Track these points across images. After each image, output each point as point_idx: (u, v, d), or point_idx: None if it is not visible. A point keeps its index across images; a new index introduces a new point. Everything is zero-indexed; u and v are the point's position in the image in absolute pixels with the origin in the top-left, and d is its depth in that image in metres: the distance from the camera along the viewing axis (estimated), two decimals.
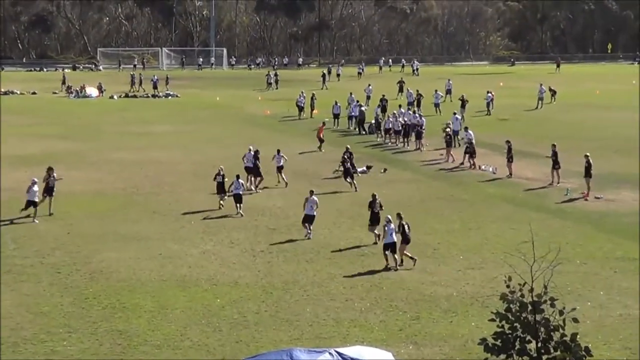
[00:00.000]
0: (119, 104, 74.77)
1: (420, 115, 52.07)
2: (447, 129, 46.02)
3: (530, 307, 12.97)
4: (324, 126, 50.39)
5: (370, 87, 71.96)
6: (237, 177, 32.99)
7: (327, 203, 34.09)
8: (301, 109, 63.17)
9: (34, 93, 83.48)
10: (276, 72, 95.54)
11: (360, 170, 40.78)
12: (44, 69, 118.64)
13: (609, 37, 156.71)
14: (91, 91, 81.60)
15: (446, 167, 43.00)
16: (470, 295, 23.18)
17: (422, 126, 49.07)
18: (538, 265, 13.31)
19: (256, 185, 37.06)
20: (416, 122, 49.78)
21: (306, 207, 29.31)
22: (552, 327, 12.92)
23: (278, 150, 38.89)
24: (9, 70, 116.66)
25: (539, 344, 12.95)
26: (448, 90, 73.56)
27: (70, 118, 64.05)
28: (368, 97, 68.90)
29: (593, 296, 23.07)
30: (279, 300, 22.88)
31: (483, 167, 41.87)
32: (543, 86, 69.69)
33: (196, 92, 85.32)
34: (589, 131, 55.15)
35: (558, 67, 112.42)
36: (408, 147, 48.79)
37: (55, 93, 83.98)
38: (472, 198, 35.79)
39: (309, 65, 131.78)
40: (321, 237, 29.20)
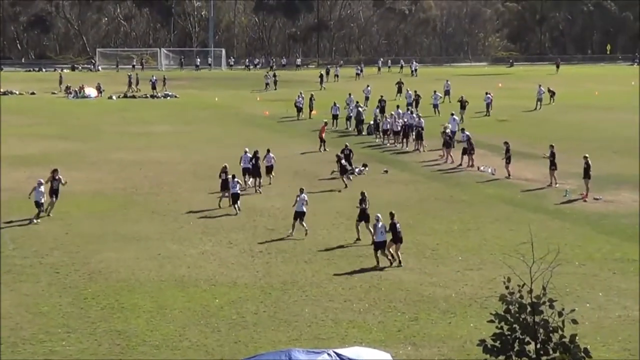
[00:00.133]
0: (118, 105, 74.74)
1: (419, 116, 52.09)
2: (447, 130, 46.03)
3: (529, 309, 12.95)
4: (326, 126, 50.56)
5: (369, 88, 71.97)
6: (233, 177, 33.63)
7: (326, 203, 34.14)
8: (300, 110, 63.19)
9: (33, 93, 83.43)
10: (275, 73, 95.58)
11: (357, 169, 40.83)
12: (43, 69, 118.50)
13: (608, 38, 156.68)
14: (90, 91, 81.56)
15: (445, 168, 43.03)
16: (469, 296, 23.19)
17: (423, 127, 49.07)
18: (537, 266, 13.31)
19: (258, 185, 37.05)
20: (415, 123, 49.84)
21: (297, 204, 29.77)
22: (551, 329, 12.91)
23: (268, 150, 39.08)
24: (8, 70, 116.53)
25: (538, 345, 12.93)
26: (447, 91, 73.57)
27: (69, 118, 64.03)
28: (367, 98, 68.90)
29: (592, 297, 23.09)
30: (278, 300, 22.89)
31: (482, 168, 41.90)
32: (542, 87, 69.73)
33: (195, 93, 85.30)
34: (588, 132, 55.19)
35: (557, 68, 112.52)
36: (407, 148, 48.82)
37: (54, 93, 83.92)
38: (471, 199, 35.81)
39: (308, 66, 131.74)
40: (319, 238, 29.22)
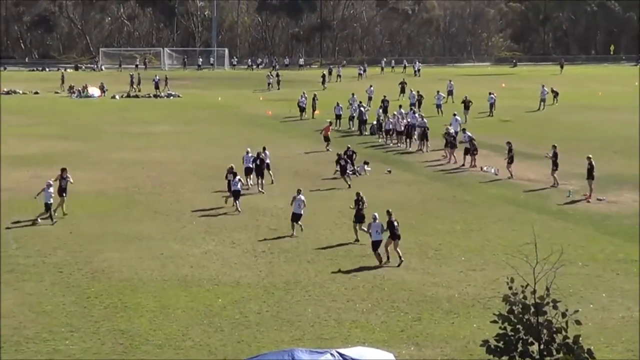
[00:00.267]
0: (121, 104, 74.77)
1: (422, 116, 52.07)
2: (451, 131, 45.96)
3: (532, 309, 12.93)
4: (331, 125, 50.65)
5: (371, 88, 71.92)
6: (234, 175, 33.66)
7: (328, 203, 34.15)
8: (303, 110, 63.23)
9: (37, 93, 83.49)
10: (278, 73, 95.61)
11: (358, 167, 40.81)
12: (47, 69, 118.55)
13: (612, 39, 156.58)
14: (93, 91, 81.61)
15: (448, 169, 43.01)
16: (472, 296, 23.18)
17: (428, 127, 48.95)
18: (540, 267, 13.28)
19: (261, 185, 37.02)
20: (418, 123, 49.79)
21: (294, 206, 29.90)
22: (555, 329, 12.89)
23: (264, 147, 39.11)
24: (12, 70, 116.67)
25: (542, 346, 12.91)
26: (450, 91, 73.60)
27: (72, 118, 64.07)
28: (370, 98, 68.86)
29: (595, 298, 23.07)
30: (281, 300, 22.89)
31: (485, 169, 41.87)
32: (545, 87, 69.70)
33: (198, 93, 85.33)
34: (591, 132, 55.14)
35: (562, 69, 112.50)
36: (410, 148, 48.79)
37: (57, 93, 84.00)
38: (474, 199, 35.79)
39: (311, 65, 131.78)
40: (322, 238, 29.22)
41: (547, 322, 12.90)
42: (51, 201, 31.35)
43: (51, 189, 31.53)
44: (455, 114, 51.98)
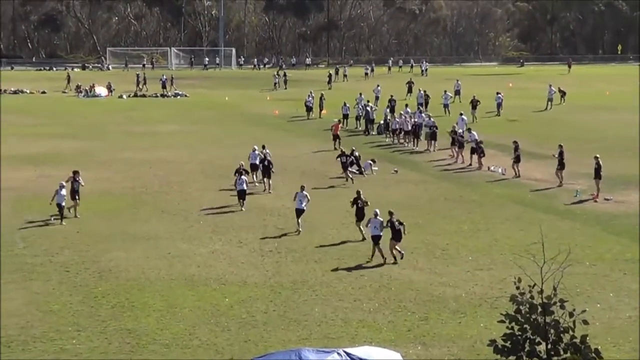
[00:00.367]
0: (128, 104, 74.88)
1: (429, 115, 52.02)
2: (459, 130, 45.88)
3: (540, 309, 12.92)
4: (340, 124, 50.79)
5: (379, 88, 71.91)
6: (240, 174, 33.92)
7: (335, 202, 34.12)
8: (310, 109, 63.25)
9: (44, 92, 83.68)
10: (285, 72, 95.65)
11: (364, 165, 40.79)
12: (54, 69, 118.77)
13: (619, 38, 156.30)
14: (100, 91, 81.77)
15: (455, 168, 42.96)
16: (479, 296, 23.15)
17: (437, 126, 48.80)
18: (548, 266, 13.26)
19: (268, 185, 36.97)
20: (425, 123, 49.72)
21: (296, 201, 30.15)
22: (562, 329, 12.87)
23: (263, 146, 39.13)
24: (19, 69, 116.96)
25: (549, 346, 12.90)
26: (457, 91, 73.54)
27: (79, 117, 64.18)
28: (377, 98, 68.85)
29: (603, 298, 23.02)
30: (288, 300, 22.89)
31: (492, 168, 41.82)
32: (552, 87, 69.57)
33: (205, 92, 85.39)
34: (599, 132, 55.01)
35: (569, 68, 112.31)
36: (417, 148, 48.75)
37: (64, 92, 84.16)
38: (481, 199, 35.75)
39: (318, 65, 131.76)
40: (329, 237, 29.22)
41: (555, 322, 12.89)
42: (63, 203, 31.37)
43: (63, 191, 31.55)
44: (461, 113, 51.93)
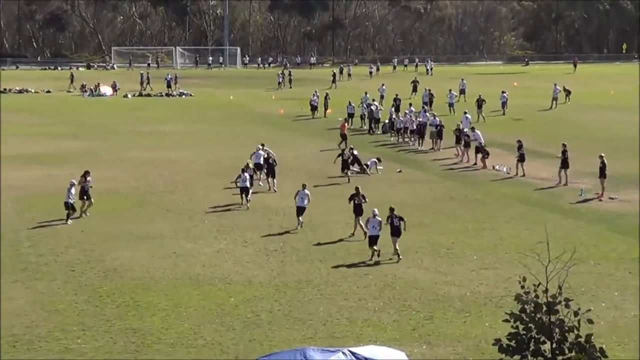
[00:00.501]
0: (133, 103, 74.96)
1: (434, 115, 51.99)
2: (465, 129, 45.82)
3: (545, 308, 12.92)
4: (346, 123, 50.97)
5: (384, 87, 71.93)
6: (243, 171, 34.06)
7: (340, 202, 34.02)
8: (315, 109, 63.30)
9: (49, 91, 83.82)
10: (290, 71, 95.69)
11: (368, 163, 40.77)
12: (59, 68, 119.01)
13: (624, 37, 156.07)
14: (105, 90, 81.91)
15: (459, 167, 42.95)
16: (484, 295, 23.13)
17: (443, 125, 48.73)
18: (553, 265, 13.27)
19: (273, 184, 37.02)
20: (431, 122, 49.68)
21: (297, 199, 30.32)
22: (567, 328, 12.88)
23: (262, 144, 39.10)
24: (24, 68, 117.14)
25: (554, 345, 12.90)
26: (462, 90, 73.50)
27: (84, 117, 64.25)
28: (382, 97, 68.86)
29: (607, 297, 22.99)
30: (293, 299, 22.89)
31: (497, 167, 41.78)
32: (557, 86, 69.49)
33: (210, 91, 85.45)
34: (603, 131, 54.93)
35: (575, 67, 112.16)
36: (421, 147, 48.72)
37: (69, 92, 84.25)
38: (486, 198, 35.72)
39: (323, 64, 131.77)
40: (334, 236, 29.21)
41: (559, 321, 12.89)
42: (71, 201, 31.38)
43: (73, 190, 31.58)
44: (465, 112, 51.90)
